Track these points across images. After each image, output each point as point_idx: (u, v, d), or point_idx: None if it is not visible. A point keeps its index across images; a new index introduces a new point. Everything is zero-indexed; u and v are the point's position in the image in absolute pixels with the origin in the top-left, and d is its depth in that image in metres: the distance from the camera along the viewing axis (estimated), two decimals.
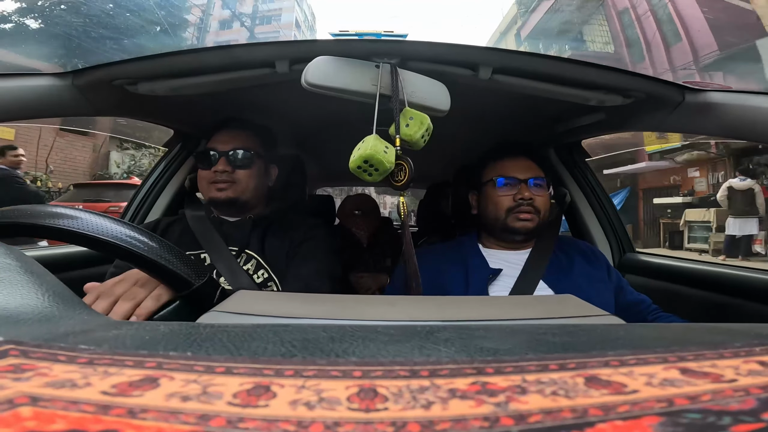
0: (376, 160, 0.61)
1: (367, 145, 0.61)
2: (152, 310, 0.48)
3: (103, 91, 0.81)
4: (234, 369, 0.17)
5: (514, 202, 0.88)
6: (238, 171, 0.91)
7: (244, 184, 0.92)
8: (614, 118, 0.97)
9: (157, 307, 0.49)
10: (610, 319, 0.33)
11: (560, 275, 0.88)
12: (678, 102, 0.80)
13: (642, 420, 0.13)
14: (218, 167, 0.90)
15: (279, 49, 0.75)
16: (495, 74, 0.77)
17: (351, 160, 0.62)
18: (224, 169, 0.90)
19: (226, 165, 0.90)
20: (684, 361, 0.18)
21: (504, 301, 0.55)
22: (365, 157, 0.61)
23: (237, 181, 0.91)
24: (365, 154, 0.61)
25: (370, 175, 0.63)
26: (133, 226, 0.45)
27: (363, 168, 0.62)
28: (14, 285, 0.25)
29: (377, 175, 0.63)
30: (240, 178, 0.92)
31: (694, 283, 1.02)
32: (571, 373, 0.17)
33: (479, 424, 0.13)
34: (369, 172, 0.62)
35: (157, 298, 0.49)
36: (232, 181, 0.91)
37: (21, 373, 0.15)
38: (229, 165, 0.91)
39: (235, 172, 0.91)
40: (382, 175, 0.64)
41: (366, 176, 0.63)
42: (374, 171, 0.62)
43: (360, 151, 0.62)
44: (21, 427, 0.12)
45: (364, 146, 0.62)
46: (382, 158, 0.61)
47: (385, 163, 0.62)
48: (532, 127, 1.20)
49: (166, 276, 0.46)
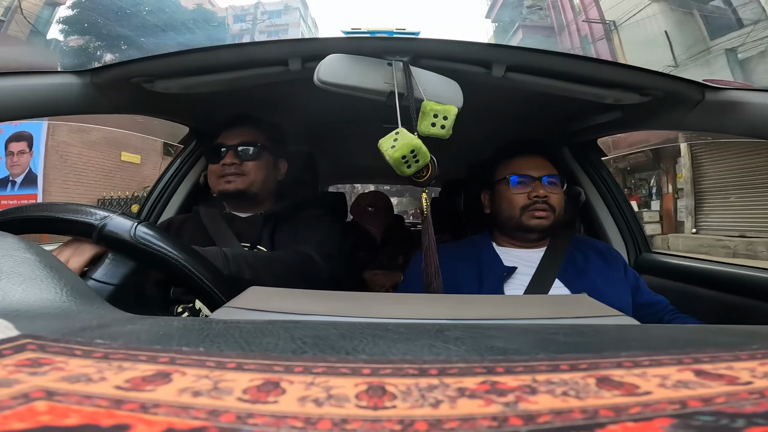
0: (423, 151, 0.61)
1: (410, 136, 0.61)
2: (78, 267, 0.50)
3: (120, 88, 0.82)
4: (245, 365, 0.17)
5: (528, 200, 0.88)
6: (246, 163, 0.93)
7: (252, 176, 0.93)
8: (631, 116, 0.95)
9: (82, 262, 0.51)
10: (624, 320, 0.32)
11: (576, 274, 0.87)
12: (698, 100, 0.78)
13: (654, 422, 0.13)
14: (226, 160, 0.92)
15: (292, 46, 0.75)
16: (508, 72, 0.76)
17: (392, 150, 0.61)
18: (232, 161, 0.92)
19: (233, 158, 0.92)
20: (699, 363, 0.18)
21: (516, 301, 0.55)
22: (413, 147, 0.60)
23: (245, 173, 0.93)
24: (412, 144, 0.60)
25: (409, 167, 0.62)
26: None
27: (407, 158, 0.61)
28: (33, 280, 0.25)
29: (415, 167, 0.63)
30: (248, 170, 0.93)
31: (711, 284, 0.99)
32: (583, 373, 0.17)
33: (487, 424, 0.13)
34: (409, 163, 0.62)
35: (80, 254, 0.51)
36: (240, 173, 0.92)
37: (38, 367, 0.16)
38: (237, 158, 0.92)
39: (243, 165, 0.93)
40: (419, 167, 0.63)
41: (405, 168, 0.62)
42: (414, 162, 0.62)
43: (403, 141, 0.61)
44: (35, 421, 0.12)
45: (404, 137, 0.61)
46: (426, 149, 0.61)
47: (428, 154, 0.62)
48: (547, 125, 1.18)
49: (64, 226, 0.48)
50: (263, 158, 0.96)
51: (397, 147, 0.61)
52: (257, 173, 0.94)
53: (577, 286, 0.84)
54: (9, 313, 0.21)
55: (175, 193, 1.27)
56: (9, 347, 0.17)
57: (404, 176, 0.64)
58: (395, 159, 0.61)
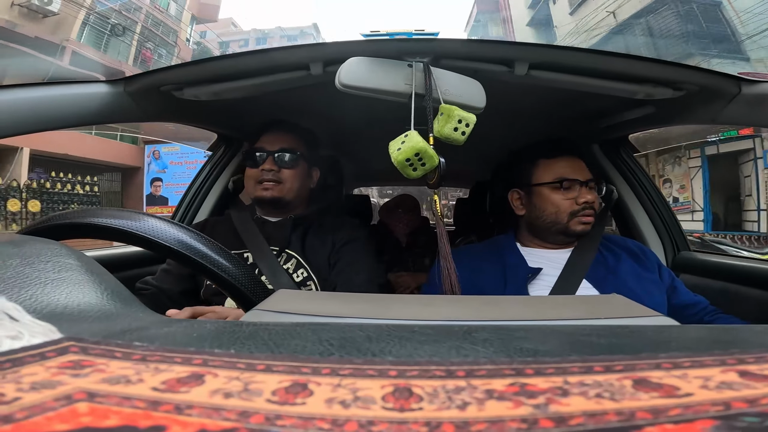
0: (428, 155, 0.61)
1: (417, 139, 0.61)
2: None
3: (151, 96, 0.86)
4: (274, 367, 0.17)
5: (577, 206, 0.85)
6: (283, 171, 0.94)
7: (289, 184, 0.95)
8: (664, 111, 0.92)
9: None
10: (661, 320, 0.31)
11: (606, 274, 0.84)
12: (734, 94, 0.75)
13: (695, 423, 0.13)
14: (265, 166, 0.93)
15: (313, 51, 0.77)
16: (531, 70, 0.75)
17: (397, 152, 0.61)
18: (271, 168, 0.93)
19: (272, 164, 0.93)
20: (744, 364, 0.17)
21: (545, 301, 0.54)
22: (417, 150, 0.60)
23: (282, 180, 0.94)
24: (417, 147, 0.60)
25: (415, 170, 0.62)
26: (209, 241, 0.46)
27: (411, 161, 0.61)
28: (76, 284, 0.27)
29: (421, 171, 0.62)
30: (285, 177, 0.94)
31: (756, 282, 0.94)
32: (618, 375, 0.16)
33: (516, 426, 0.13)
34: (415, 166, 0.62)
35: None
36: (277, 180, 0.94)
37: (80, 369, 0.16)
38: (276, 165, 0.94)
39: (281, 172, 0.94)
40: (426, 171, 0.63)
41: (410, 171, 0.62)
42: (420, 165, 0.62)
43: (408, 144, 0.61)
44: (77, 422, 0.13)
45: (411, 140, 0.61)
46: (432, 153, 0.61)
47: (434, 158, 0.61)
48: (574, 122, 1.15)
49: (236, 294, 0.47)
50: (300, 167, 0.97)
51: (402, 149, 0.61)
52: (293, 182, 0.95)
53: (607, 287, 0.81)
54: (53, 317, 0.22)
55: (207, 197, 1.32)
56: (52, 350, 0.18)
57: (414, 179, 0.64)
58: (399, 162, 0.61)
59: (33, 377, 0.15)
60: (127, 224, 0.43)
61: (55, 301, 0.24)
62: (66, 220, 0.45)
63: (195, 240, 0.45)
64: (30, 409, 0.13)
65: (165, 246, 0.43)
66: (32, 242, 0.31)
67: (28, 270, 0.26)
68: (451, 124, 0.64)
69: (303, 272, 0.90)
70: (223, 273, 0.44)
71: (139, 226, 0.43)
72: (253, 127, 1.03)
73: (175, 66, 0.82)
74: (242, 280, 0.46)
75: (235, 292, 0.46)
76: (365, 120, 1.20)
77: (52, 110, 0.73)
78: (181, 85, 0.85)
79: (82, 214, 0.46)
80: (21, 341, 0.18)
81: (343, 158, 1.50)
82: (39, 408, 0.13)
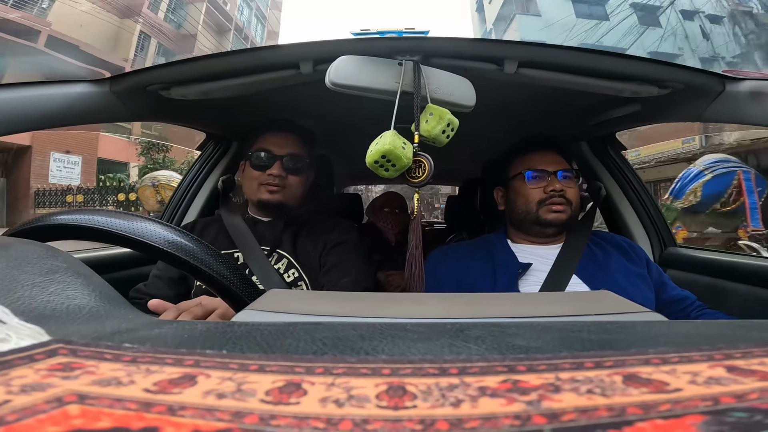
0: (394, 156, 0.61)
1: (385, 141, 0.61)
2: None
3: (138, 96, 0.84)
4: (267, 367, 0.17)
5: (545, 194, 0.87)
6: (290, 177, 0.93)
7: (293, 190, 0.94)
8: (650, 109, 0.93)
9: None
10: (650, 316, 0.31)
11: (595, 270, 0.85)
12: (719, 91, 0.76)
13: (685, 419, 0.13)
14: (273, 171, 0.91)
15: (303, 49, 0.76)
16: (521, 68, 0.75)
17: (368, 154, 0.62)
18: (279, 173, 0.91)
19: (280, 170, 0.91)
20: (731, 359, 0.17)
21: (536, 298, 0.54)
22: (383, 152, 0.61)
23: (288, 186, 0.93)
24: (383, 149, 0.61)
25: (386, 171, 0.63)
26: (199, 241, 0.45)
27: (380, 163, 0.62)
28: (63, 286, 0.26)
29: (393, 171, 0.63)
30: (291, 183, 0.93)
31: (742, 277, 0.96)
32: (608, 371, 0.17)
33: (510, 423, 0.13)
34: (386, 167, 0.62)
35: (222, 317, 0.54)
36: (283, 186, 0.92)
37: (70, 371, 0.16)
38: (283, 170, 0.92)
39: (288, 178, 0.92)
40: (398, 171, 0.63)
41: (382, 171, 0.63)
42: (391, 167, 0.62)
43: (378, 146, 0.62)
44: (69, 425, 0.12)
45: (381, 141, 0.62)
46: (401, 154, 0.61)
47: (403, 159, 0.62)
48: (563, 120, 1.16)
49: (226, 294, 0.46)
50: (305, 173, 0.96)
51: (372, 151, 0.61)
52: (298, 188, 0.94)
53: (597, 283, 0.82)
54: (41, 319, 0.22)
55: (196, 197, 1.30)
56: (41, 352, 0.18)
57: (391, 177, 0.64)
58: (369, 163, 0.63)
59: (22, 380, 0.15)
60: (116, 225, 0.43)
61: (43, 303, 0.24)
62: (53, 221, 0.44)
63: (184, 239, 0.44)
64: (21, 412, 0.13)
65: (153, 247, 0.42)
66: (18, 244, 0.30)
67: (15, 272, 0.26)
68: (441, 126, 0.65)
69: (294, 272, 0.89)
70: (212, 272, 0.44)
71: (127, 227, 0.43)
72: (243, 127, 1.02)
73: (161, 65, 0.81)
74: (232, 280, 0.46)
75: (225, 292, 0.46)
76: (356, 118, 1.20)
77: (37, 110, 0.72)
78: (169, 85, 0.83)
79: (70, 215, 0.45)
80: (9, 344, 0.18)
81: (334, 157, 1.50)
82: (30, 410, 0.13)
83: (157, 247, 0.42)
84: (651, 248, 1.22)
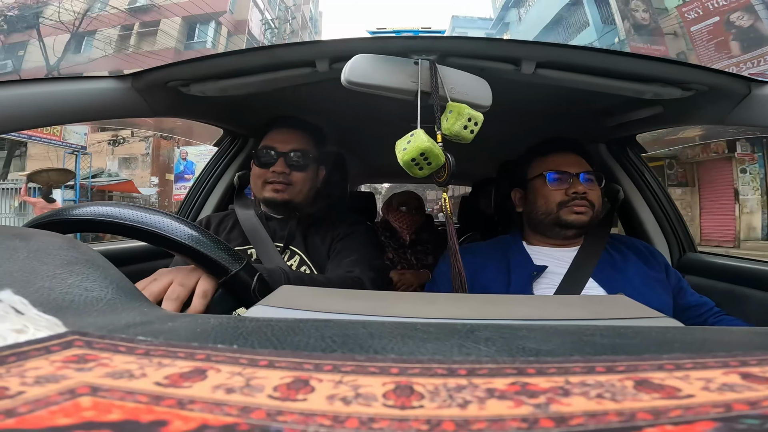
0: (433, 154, 0.60)
1: (422, 138, 0.60)
2: (202, 310, 0.50)
3: (159, 92, 0.86)
4: (276, 362, 0.17)
5: (566, 196, 0.86)
6: (294, 173, 0.92)
7: (299, 186, 0.93)
8: (673, 111, 0.91)
9: (205, 305, 0.50)
10: (666, 321, 0.31)
11: (613, 274, 0.84)
12: (744, 95, 0.74)
13: (695, 425, 0.13)
14: (276, 168, 0.91)
15: (319, 48, 0.77)
16: (539, 68, 0.74)
17: (403, 152, 0.61)
18: (282, 170, 0.91)
19: (283, 166, 0.91)
20: (746, 366, 0.17)
21: (549, 301, 0.53)
22: (422, 149, 0.60)
23: (292, 183, 0.92)
24: (422, 147, 0.60)
25: (421, 169, 0.62)
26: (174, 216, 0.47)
27: (417, 161, 0.61)
28: (82, 278, 0.27)
29: (428, 170, 0.62)
30: (296, 180, 0.92)
31: (761, 284, 0.93)
32: (620, 375, 0.16)
33: (517, 425, 0.13)
34: (421, 165, 0.61)
35: (204, 296, 0.50)
36: (287, 183, 0.92)
37: (84, 363, 0.16)
38: (287, 167, 0.91)
39: (292, 174, 0.92)
40: (432, 170, 0.62)
41: (416, 170, 0.62)
42: (426, 165, 0.61)
43: (413, 144, 0.60)
44: (80, 416, 0.13)
45: (416, 139, 0.61)
46: (438, 152, 0.61)
47: (440, 157, 0.61)
48: (581, 121, 1.15)
49: (205, 262, 0.48)
50: (310, 169, 0.95)
51: (408, 149, 0.60)
52: (303, 184, 0.94)
53: (613, 286, 0.81)
54: (58, 310, 0.22)
55: (212, 192, 1.32)
56: (57, 343, 0.18)
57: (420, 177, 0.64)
58: (405, 162, 0.61)
59: (37, 371, 0.15)
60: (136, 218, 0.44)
61: (62, 294, 0.25)
62: (73, 214, 0.45)
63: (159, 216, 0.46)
64: (34, 403, 0.13)
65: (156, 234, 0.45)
66: (39, 236, 0.31)
67: (35, 264, 0.27)
68: (461, 122, 0.64)
69: (306, 269, 0.90)
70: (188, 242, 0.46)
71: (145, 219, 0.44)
72: (259, 123, 1.03)
73: (181, 62, 0.83)
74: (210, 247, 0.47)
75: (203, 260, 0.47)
76: (371, 117, 1.20)
77: (62, 105, 0.74)
78: (188, 81, 0.85)
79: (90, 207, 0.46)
80: (26, 335, 0.19)
81: (348, 155, 1.50)
82: (42, 402, 0.13)
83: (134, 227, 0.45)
84: (669, 253, 1.19)
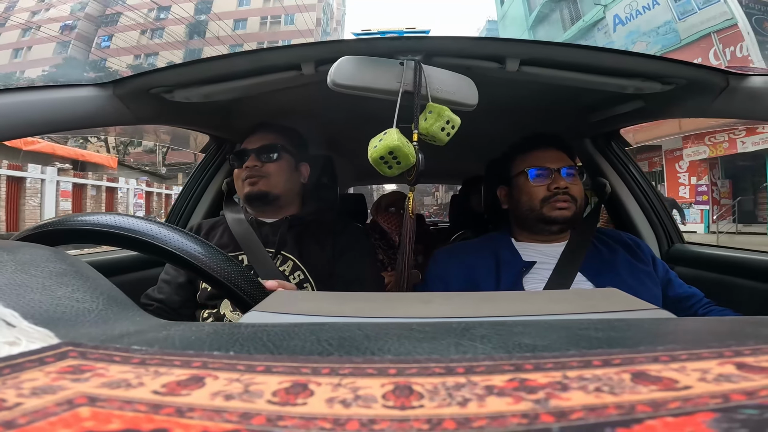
0: (402, 153, 0.61)
1: (393, 137, 0.61)
2: None
3: (142, 99, 0.85)
4: (273, 368, 0.17)
5: (548, 192, 0.87)
6: (267, 165, 0.96)
7: (274, 178, 0.96)
8: (654, 105, 0.93)
9: None
10: (658, 313, 0.31)
11: (601, 268, 0.85)
12: (722, 87, 0.76)
13: (695, 416, 0.13)
14: (248, 163, 0.95)
15: (304, 51, 0.76)
16: (523, 66, 0.75)
17: (373, 150, 0.61)
18: (254, 164, 0.95)
19: (255, 160, 0.95)
20: (741, 356, 0.17)
21: (543, 296, 0.54)
22: (391, 148, 0.60)
23: (266, 174, 0.95)
24: (391, 145, 0.60)
25: (390, 168, 0.62)
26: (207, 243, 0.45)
27: (386, 159, 0.61)
28: (72, 289, 0.26)
29: (397, 169, 0.63)
30: (269, 171, 0.96)
31: (749, 274, 0.95)
32: (617, 369, 0.17)
33: (517, 421, 0.13)
34: (390, 164, 0.62)
35: None
36: (261, 175, 0.95)
37: (80, 373, 0.16)
38: (258, 160, 0.95)
39: (264, 166, 0.95)
40: (402, 169, 0.63)
41: (386, 168, 0.62)
42: (396, 164, 0.62)
43: (384, 141, 0.61)
44: (80, 427, 0.13)
45: (387, 138, 0.61)
46: (408, 151, 0.61)
47: (410, 157, 0.61)
48: (566, 117, 1.16)
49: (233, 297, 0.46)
50: (283, 159, 0.98)
51: (378, 147, 0.61)
52: (278, 174, 0.96)
53: (602, 280, 0.82)
54: (50, 322, 0.22)
55: (200, 199, 1.31)
56: (51, 355, 0.18)
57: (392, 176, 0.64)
58: (374, 159, 0.62)
59: (33, 383, 0.15)
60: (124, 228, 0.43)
61: (52, 306, 0.24)
62: (60, 225, 0.44)
63: (192, 242, 0.44)
64: (32, 415, 0.13)
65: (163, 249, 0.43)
66: (26, 248, 0.31)
67: (23, 276, 0.26)
68: (439, 123, 0.64)
69: (300, 274, 0.89)
70: (218, 275, 0.44)
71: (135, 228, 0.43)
72: (246, 129, 1.03)
73: (164, 68, 0.82)
74: (239, 283, 0.46)
75: (231, 295, 0.46)
76: (358, 119, 1.20)
77: (41, 114, 0.72)
78: (172, 88, 0.84)
79: (77, 218, 0.45)
80: (19, 347, 0.18)
81: (337, 157, 1.50)
82: (41, 413, 0.13)
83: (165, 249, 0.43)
84: (658, 245, 1.21)
